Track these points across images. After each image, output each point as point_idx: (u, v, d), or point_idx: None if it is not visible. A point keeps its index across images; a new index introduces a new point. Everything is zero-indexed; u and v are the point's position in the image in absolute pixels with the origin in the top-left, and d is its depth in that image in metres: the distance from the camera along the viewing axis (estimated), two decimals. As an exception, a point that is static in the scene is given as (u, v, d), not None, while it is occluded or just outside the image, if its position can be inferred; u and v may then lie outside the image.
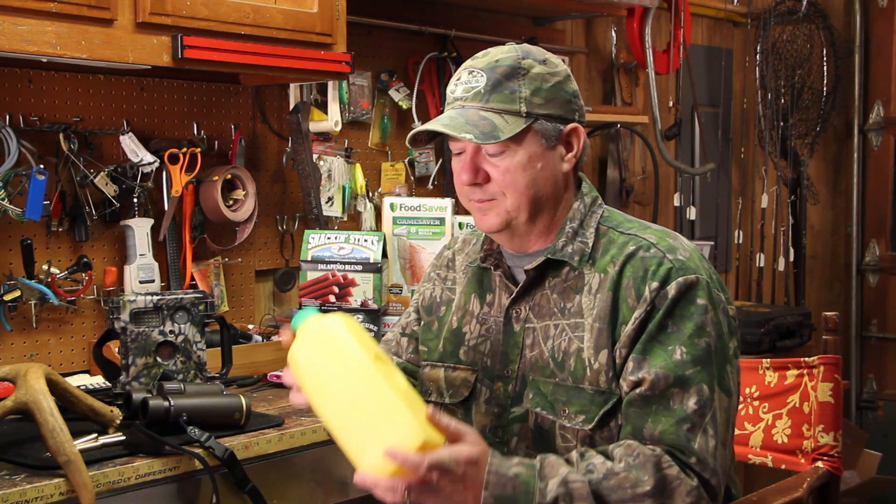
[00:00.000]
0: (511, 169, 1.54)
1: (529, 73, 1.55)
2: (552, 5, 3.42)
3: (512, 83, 1.54)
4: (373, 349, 1.44)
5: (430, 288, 1.78)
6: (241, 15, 2.30)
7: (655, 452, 1.42)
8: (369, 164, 3.11)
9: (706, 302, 1.51)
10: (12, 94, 2.35)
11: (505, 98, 1.54)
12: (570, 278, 1.58)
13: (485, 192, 1.57)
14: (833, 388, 2.00)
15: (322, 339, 1.46)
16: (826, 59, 4.75)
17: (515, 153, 1.54)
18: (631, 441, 1.45)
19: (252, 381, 2.48)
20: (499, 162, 1.55)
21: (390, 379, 1.41)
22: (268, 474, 2.00)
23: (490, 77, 1.54)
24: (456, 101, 1.57)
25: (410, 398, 1.40)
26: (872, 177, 4.95)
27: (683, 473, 1.42)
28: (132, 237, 2.51)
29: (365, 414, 1.38)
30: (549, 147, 1.57)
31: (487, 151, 1.55)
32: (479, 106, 1.54)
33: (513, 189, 1.55)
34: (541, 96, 1.55)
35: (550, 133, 1.56)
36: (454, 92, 1.58)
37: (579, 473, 1.40)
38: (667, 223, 4.07)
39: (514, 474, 1.39)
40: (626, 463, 1.41)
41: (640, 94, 3.95)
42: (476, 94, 1.55)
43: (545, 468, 1.41)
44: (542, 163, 1.56)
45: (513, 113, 1.53)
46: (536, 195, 1.56)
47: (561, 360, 1.55)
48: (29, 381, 1.77)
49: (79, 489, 1.69)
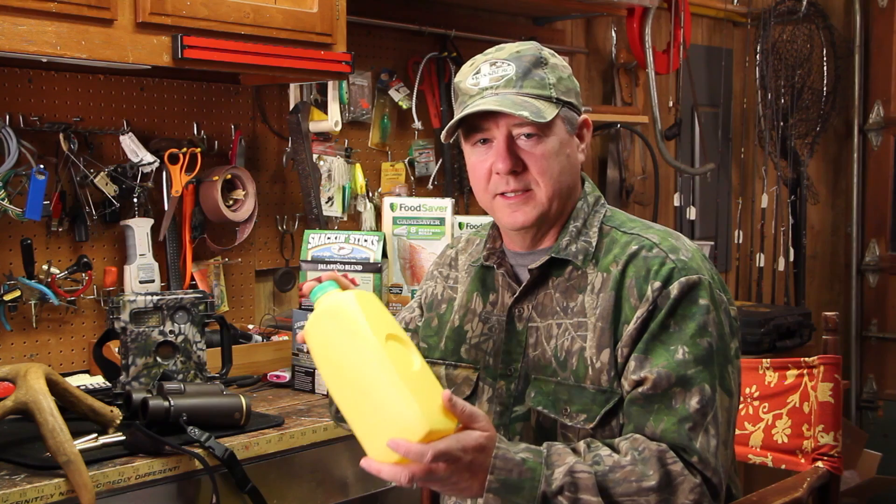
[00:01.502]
0: (546, 154, 1.54)
1: (549, 63, 1.58)
2: (552, 5, 3.42)
3: (539, 71, 1.56)
4: (387, 328, 1.40)
5: (433, 285, 1.79)
6: (241, 15, 2.30)
7: (661, 447, 1.43)
8: (369, 164, 3.11)
9: (708, 302, 1.51)
10: (12, 94, 2.34)
11: (536, 84, 1.55)
12: (574, 278, 1.58)
13: (519, 182, 1.56)
14: (833, 388, 2.00)
15: (335, 317, 1.41)
16: (826, 59, 4.75)
17: (548, 139, 1.55)
18: (637, 435, 1.45)
19: (252, 381, 2.48)
20: (533, 148, 1.54)
21: (401, 362, 1.36)
22: (268, 474, 2.00)
23: (518, 65, 1.55)
24: (485, 90, 1.56)
25: (422, 383, 1.36)
26: (872, 177, 4.95)
27: (687, 470, 1.43)
28: (132, 237, 2.51)
29: (372, 399, 1.35)
30: (571, 135, 1.59)
31: (523, 136, 1.54)
32: (515, 91, 1.54)
33: (548, 177, 1.55)
34: (563, 85, 1.58)
35: (573, 121, 1.59)
36: (478, 84, 1.57)
37: (586, 464, 1.40)
38: (667, 223, 4.06)
39: (521, 459, 1.39)
40: (631, 456, 1.42)
41: (640, 94, 3.95)
42: (508, 81, 1.55)
43: (552, 455, 1.41)
44: (570, 150, 1.58)
45: (545, 98, 1.55)
46: (565, 184, 1.58)
47: (563, 360, 1.55)
48: (29, 381, 1.77)
49: (79, 489, 1.69)
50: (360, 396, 1.37)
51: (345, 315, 1.40)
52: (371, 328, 1.37)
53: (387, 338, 1.38)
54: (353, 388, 1.38)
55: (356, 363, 1.37)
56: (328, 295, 1.46)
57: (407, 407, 1.32)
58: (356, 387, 1.37)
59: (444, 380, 1.68)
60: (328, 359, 1.42)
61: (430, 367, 1.70)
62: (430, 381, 1.39)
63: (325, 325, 1.43)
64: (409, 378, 1.35)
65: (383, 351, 1.35)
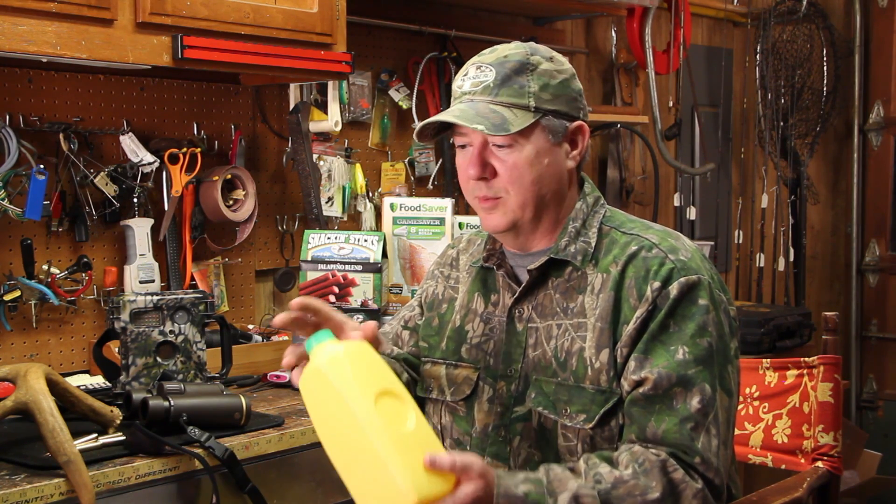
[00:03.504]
0: (518, 164, 1.54)
1: (538, 70, 1.56)
2: (552, 5, 3.42)
3: (521, 78, 1.55)
4: (380, 385, 1.35)
5: (434, 285, 1.79)
6: (241, 15, 2.30)
7: (660, 457, 1.42)
8: (369, 164, 3.11)
9: (708, 302, 1.51)
10: (12, 94, 2.34)
11: (514, 92, 1.54)
12: (573, 278, 1.58)
13: (490, 189, 1.56)
14: (833, 388, 2.00)
15: (325, 376, 1.36)
16: (826, 59, 4.75)
17: (523, 148, 1.54)
18: (635, 447, 1.45)
19: (252, 381, 2.48)
20: (506, 156, 1.54)
21: (393, 424, 1.31)
22: (268, 474, 2.00)
23: (499, 72, 1.55)
24: (464, 95, 1.57)
25: (415, 444, 1.31)
26: (872, 177, 4.95)
27: (688, 476, 1.42)
28: (132, 237, 2.51)
29: (362, 463, 1.31)
30: (556, 143, 1.57)
31: (495, 145, 1.55)
32: (489, 99, 1.54)
33: (518, 185, 1.55)
34: (549, 92, 1.56)
35: (557, 129, 1.57)
36: (461, 87, 1.58)
37: (588, 486, 1.39)
38: (667, 223, 4.06)
39: (524, 493, 1.37)
40: (632, 469, 1.41)
41: (640, 94, 3.95)
42: (485, 88, 1.55)
43: (553, 483, 1.40)
44: (549, 158, 1.56)
45: (522, 107, 1.54)
46: (541, 192, 1.56)
47: (563, 360, 1.55)
48: (29, 381, 1.77)
49: (79, 489, 1.69)
50: (352, 459, 1.34)
51: (334, 375, 1.35)
52: (360, 390, 1.33)
53: (380, 395, 1.33)
54: (345, 450, 1.35)
55: (347, 426, 1.32)
56: (321, 348, 1.39)
57: (396, 476, 1.27)
58: (348, 449, 1.34)
59: (445, 379, 1.68)
60: (320, 417, 1.38)
61: (431, 367, 1.71)
62: (425, 439, 1.34)
63: (316, 383, 1.38)
64: (401, 442, 1.30)
65: (372, 415, 1.31)
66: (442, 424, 1.68)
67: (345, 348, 1.39)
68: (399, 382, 1.39)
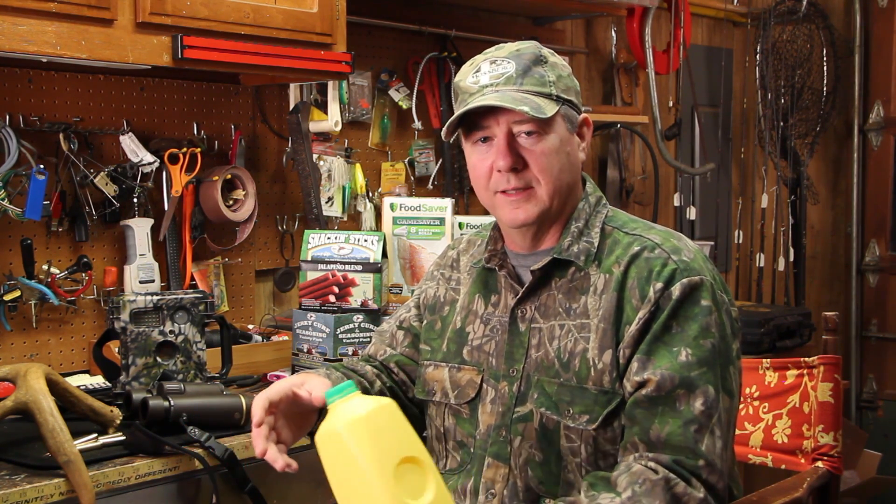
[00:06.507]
0: (547, 151, 1.55)
1: (549, 62, 1.59)
2: (552, 5, 3.42)
3: (539, 69, 1.57)
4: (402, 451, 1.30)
5: (434, 287, 1.78)
6: (241, 15, 2.30)
7: (659, 475, 1.42)
8: (369, 164, 3.11)
9: (710, 303, 1.51)
10: (12, 94, 2.34)
11: (536, 82, 1.55)
12: (576, 279, 1.58)
13: (520, 180, 1.56)
14: (833, 388, 2.00)
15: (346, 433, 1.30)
16: (826, 59, 4.75)
17: (549, 136, 1.55)
18: (634, 466, 1.45)
19: (252, 381, 2.48)
20: (534, 146, 1.55)
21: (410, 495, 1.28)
22: (268, 474, 1.99)
23: (518, 63, 1.56)
24: (485, 87, 1.56)
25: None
26: (872, 177, 4.95)
27: (690, 487, 1.42)
28: (132, 237, 2.51)
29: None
30: (572, 134, 1.59)
31: (523, 134, 1.55)
32: (515, 89, 1.55)
33: (548, 174, 1.55)
34: (563, 83, 1.58)
35: (573, 119, 1.59)
36: (478, 81, 1.57)
37: None
38: (667, 223, 4.07)
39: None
40: (632, 492, 1.41)
41: (640, 94, 3.95)
42: (508, 79, 1.55)
43: None
44: (570, 148, 1.58)
45: (545, 95, 1.55)
46: (566, 182, 1.58)
47: (566, 361, 1.55)
48: (29, 381, 1.77)
49: (79, 489, 1.69)
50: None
51: (353, 440, 1.29)
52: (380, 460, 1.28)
53: (401, 462, 1.29)
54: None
55: (362, 494, 1.29)
56: (344, 403, 1.33)
57: None
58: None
59: (448, 382, 1.67)
60: (337, 476, 1.33)
61: (434, 369, 1.69)
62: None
63: (333, 445, 1.32)
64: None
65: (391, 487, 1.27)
66: (445, 427, 1.67)
67: (367, 411, 1.32)
68: (422, 447, 1.35)
